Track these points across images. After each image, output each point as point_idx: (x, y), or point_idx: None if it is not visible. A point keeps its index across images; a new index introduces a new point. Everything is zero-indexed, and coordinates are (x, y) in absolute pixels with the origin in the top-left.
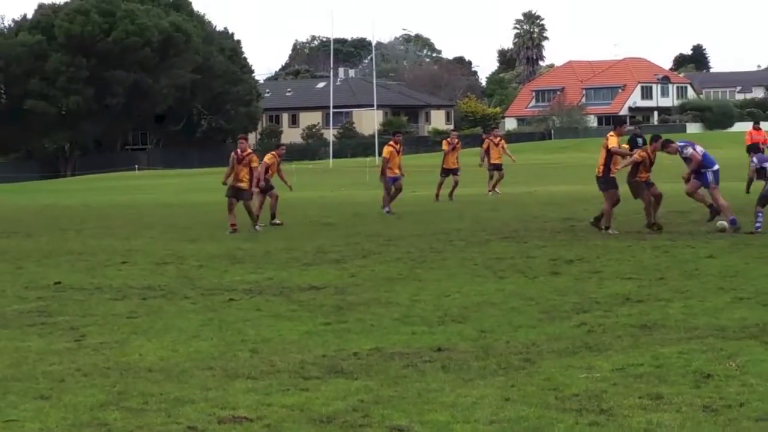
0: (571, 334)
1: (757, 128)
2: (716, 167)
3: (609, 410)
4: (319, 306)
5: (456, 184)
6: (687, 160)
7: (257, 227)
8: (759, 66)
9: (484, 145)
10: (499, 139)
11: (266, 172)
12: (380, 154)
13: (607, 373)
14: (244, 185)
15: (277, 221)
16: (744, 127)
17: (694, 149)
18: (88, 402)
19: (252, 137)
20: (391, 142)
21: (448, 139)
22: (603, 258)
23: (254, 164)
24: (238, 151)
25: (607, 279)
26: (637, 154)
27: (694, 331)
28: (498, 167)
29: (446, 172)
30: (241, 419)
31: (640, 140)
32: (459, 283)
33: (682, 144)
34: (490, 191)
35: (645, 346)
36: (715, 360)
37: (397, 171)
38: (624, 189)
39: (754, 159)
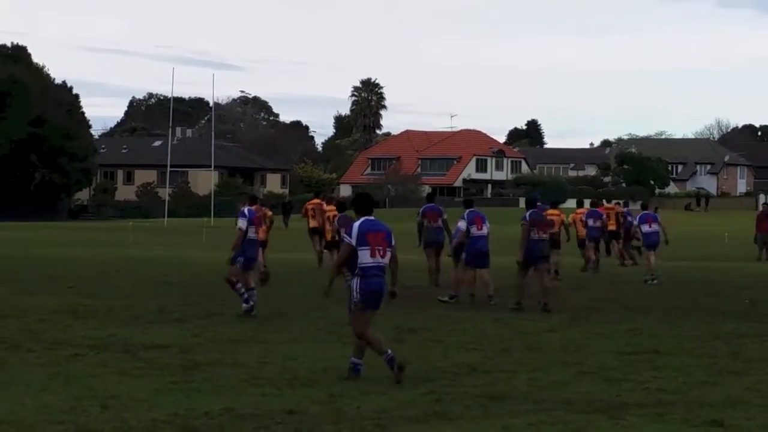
0: (421, 402)
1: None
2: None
3: None
4: (166, 364)
5: None
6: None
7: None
8: (591, 144)
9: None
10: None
11: None
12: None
13: None
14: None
15: None
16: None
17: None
18: None
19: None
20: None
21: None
22: (445, 328)
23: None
24: None
25: (452, 349)
26: None
27: (542, 403)
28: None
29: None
30: None
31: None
32: (305, 346)
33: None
34: None
35: (495, 417)
36: None
37: None
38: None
39: None
